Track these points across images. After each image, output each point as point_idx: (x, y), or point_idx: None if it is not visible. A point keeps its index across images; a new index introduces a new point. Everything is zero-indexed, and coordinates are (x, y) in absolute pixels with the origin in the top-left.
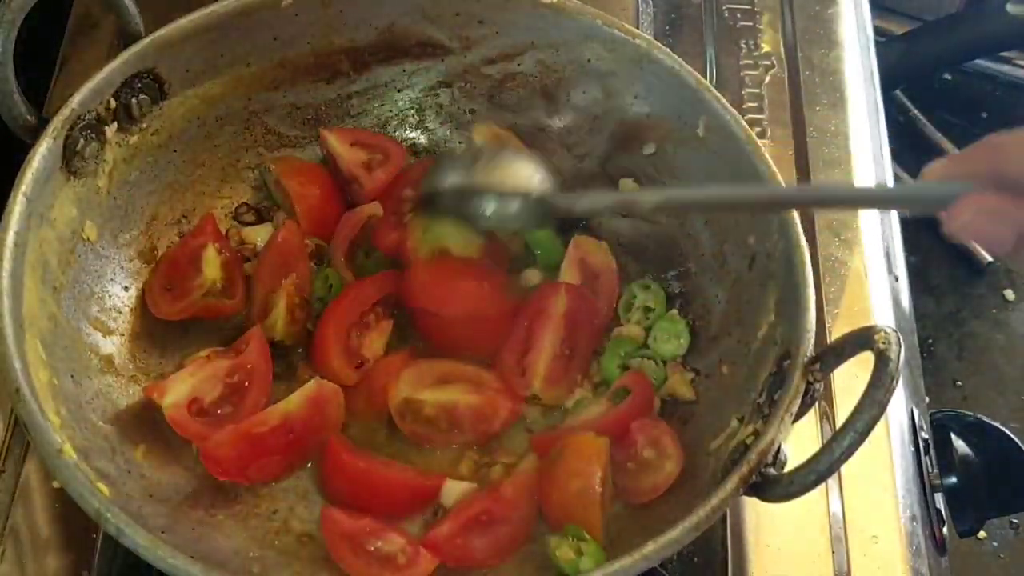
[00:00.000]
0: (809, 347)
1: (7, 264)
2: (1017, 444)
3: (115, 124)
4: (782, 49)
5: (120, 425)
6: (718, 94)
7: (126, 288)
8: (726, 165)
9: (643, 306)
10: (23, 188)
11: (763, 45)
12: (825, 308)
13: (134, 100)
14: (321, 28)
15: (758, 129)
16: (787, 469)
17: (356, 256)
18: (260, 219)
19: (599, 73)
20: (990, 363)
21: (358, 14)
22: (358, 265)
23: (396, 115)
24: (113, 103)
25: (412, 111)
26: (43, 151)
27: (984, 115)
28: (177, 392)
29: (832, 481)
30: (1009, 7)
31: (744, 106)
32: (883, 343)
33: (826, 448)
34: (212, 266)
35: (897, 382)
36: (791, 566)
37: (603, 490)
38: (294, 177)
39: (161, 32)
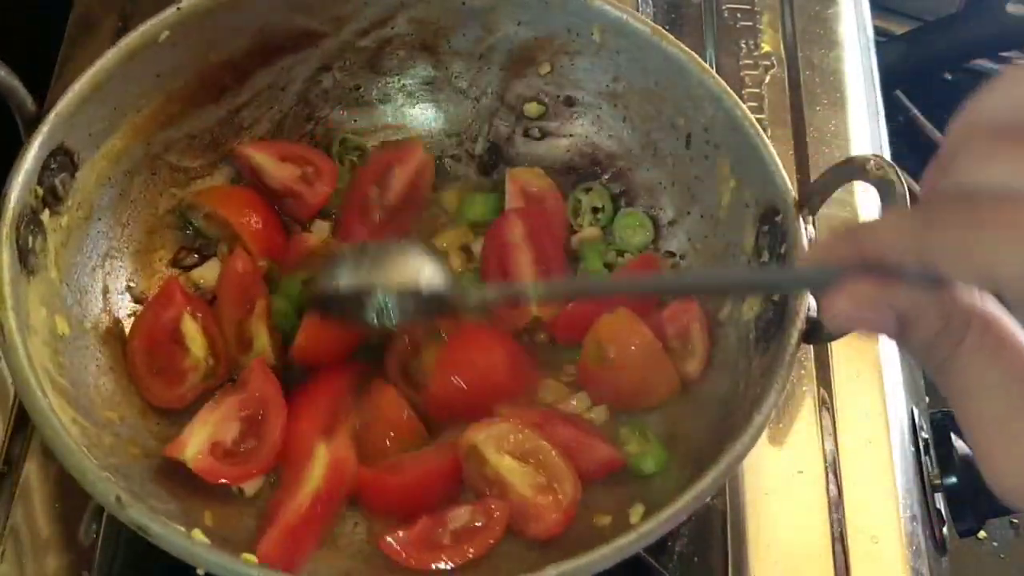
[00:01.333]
0: (792, 196)
1: (36, 390)
2: None
3: (47, 210)
4: (782, 49)
5: (178, 500)
6: None
7: (107, 373)
8: (632, 60)
9: (590, 207)
10: (8, 303)
11: (763, 45)
12: None
13: (56, 180)
14: (199, 51)
15: None
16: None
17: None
18: (203, 257)
19: (476, 12)
20: None
21: (230, 26)
22: (292, 294)
23: (287, 115)
24: (40, 190)
25: (300, 105)
26: (6, 261)
27: None
28: (196, 442)
29: (832, 481)
30: (1009, 7)
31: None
32: (878, 169)
33: None
34: (197, 344)
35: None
36: (791, 566)
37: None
38: (225, 205)
39: (59, 105)
